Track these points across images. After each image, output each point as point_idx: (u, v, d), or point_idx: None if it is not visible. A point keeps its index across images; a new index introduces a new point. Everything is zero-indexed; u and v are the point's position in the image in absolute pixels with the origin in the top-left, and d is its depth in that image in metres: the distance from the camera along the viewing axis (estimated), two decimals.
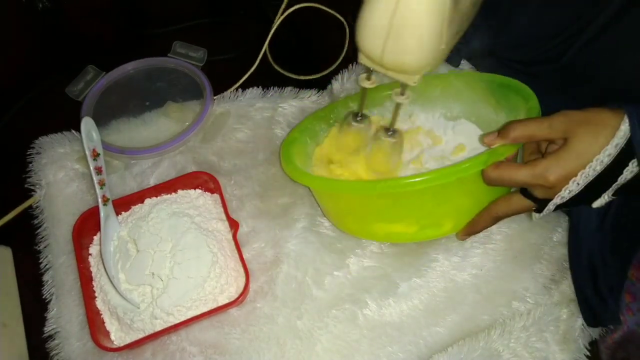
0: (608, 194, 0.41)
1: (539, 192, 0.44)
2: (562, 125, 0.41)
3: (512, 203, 0.47)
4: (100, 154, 0.58)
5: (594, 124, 0.39)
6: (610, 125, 0.38)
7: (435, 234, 0.54)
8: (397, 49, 0.41)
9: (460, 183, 0.47)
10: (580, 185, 0.40)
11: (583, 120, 0.40)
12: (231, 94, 0.70)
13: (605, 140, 0.39)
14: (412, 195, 0.49)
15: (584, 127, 0.39)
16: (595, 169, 0.39)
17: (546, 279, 0.57)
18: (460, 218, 0.52)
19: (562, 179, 0.41)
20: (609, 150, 0.39)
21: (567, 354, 0.54)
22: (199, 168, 0.64)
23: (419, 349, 0.54)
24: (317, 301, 0.56)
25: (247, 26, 0.77)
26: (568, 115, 0.41)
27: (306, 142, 0.61)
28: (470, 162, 0.44)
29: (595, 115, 0.39)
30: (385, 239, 0.58)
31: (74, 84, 0.70)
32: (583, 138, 0.39)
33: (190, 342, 0.54)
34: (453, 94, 0.62)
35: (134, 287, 0.54)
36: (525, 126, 0.43)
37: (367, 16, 0.40)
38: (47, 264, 0.59)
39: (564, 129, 0.40)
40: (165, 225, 0.56)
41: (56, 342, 0.54)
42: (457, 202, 0.51)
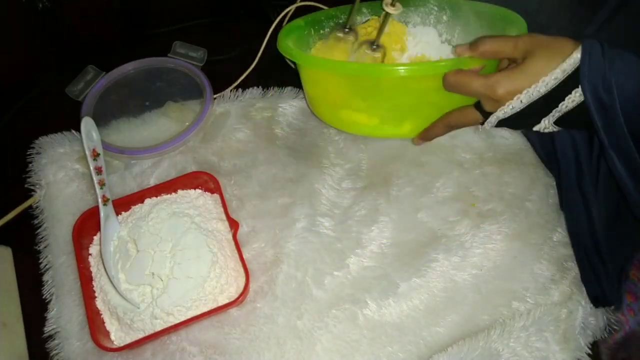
0: (549, 119, 0.43)
1: (488, 105, 0.46)
2: (525, 45, 0.42)
3: (465, 114, 0.50)
4: (100, 154, 0.58)
5: (552, 49, 0.40)
6: (566, 52, 0.40)
7: (394, 132, 0.58)
8: None
9: (423, 81, 0.50)
10: (523, 103, 0.42)
11: (544, 43, 0.41)
12: (231, 94, 0.70)
13: (557, 65, 0.40)
14: (378, 84, 0.52)
15: (542, 50, 0.41)
16: (539, 90, 0.41)
17: (546, 279, 0.57)
18: (418, 122, 0.55)
19: (509, 94, 0.42)
20: (555, 74, 0.40)
21: (567, 353, 0.54)
22: (199, 168, 0.64)
23: (419, 349, 0.54)
24: (317, 301, 0.56)
25: (247, 26, 0.77)
26: (533, 37, 0.42)
27: (310, 33, 0.62)
28: (436, 64, 0.48)
29: (556, 41, 0.41)
30: (349, 128, 0.61)
31: (74, 84, 0.70)
32: (538, 59, 0.41)
33: (190, 342, 0.54)
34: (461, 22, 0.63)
35: (134, 287, 0.54)
36: (494, 42, 0.44)
37: None
38: (47, 264, 0.59)
39: (525, 49, 0.42)
40: (165, 225, 0.56)
41: (56, 342, 0.54)
42: (417, 104, 0.54)
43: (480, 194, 0.63)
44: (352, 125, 0.59)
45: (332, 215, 0.61)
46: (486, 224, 0.60)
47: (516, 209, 0.61)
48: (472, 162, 0.65)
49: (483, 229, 0.60)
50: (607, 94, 0.39)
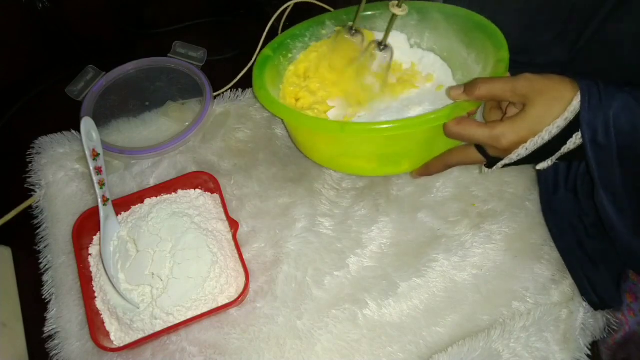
0: (552, 159, 0.44)
1: (492, 151, 0.47)
2: (523, 90, 0.42)
3: (468, 155, 0.50)
4: (100, 154, 0.58)
5: (552, 95, 0.41)
6: (566, 98, 0.40)
7: (393, 171, 0.59)
8: None
9: (421, 133, 0.50)
10: (528, 151, 0.43)
11: (543, 89, 0.42)
12: (231, 94, 0.70)
13: (558, 112, 0.41)
14: (376, 138, 0.52)
15: (542, 96, 0.41)
16: (544, 138, 0.42)
17: (546, 279, 0.57)
18: (417, 160, 0.56)
19: (513, 144, 0.43)
20: (558, 123, 0.41)
21: (567, 354, 0.54)
22: (199, 168, 0.64)
23: (419, 349, 0.54)
24: (317, 301, 0.56)
25: (247, 26, 0.77)
26: (530, 81, 0.42)
27: (279, 61, 0.61)
28: (435, 115, 0.47)
29: (554, 85, 0.41)
30: (346, 170, 0.61)
31: (74, 84, 0.70)
32: (539, 107, 0.41)
33: (190, 342, 0.54)
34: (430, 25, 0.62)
35: (133, 287, 0.54)
36: (490, 86, 0.44)
37: None
38: (47, 264, 0.59)
39: (524, 95, 0.42)
40: (165, 225, 0.56)
41: (56, 342, 0.54)
42: (417, 147, 0.54)
43: (481, 193, 0.63)
44: (349, 168, 0.60)
45: (332, 215, 0.61)
46: (486, 224, 0.60)
47: (516, 209, 0.61)
48: None
49: (483, 229, 0.60)
50: (604, 136, 0.40)
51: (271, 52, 0.60)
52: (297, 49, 0.63)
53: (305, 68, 0.62)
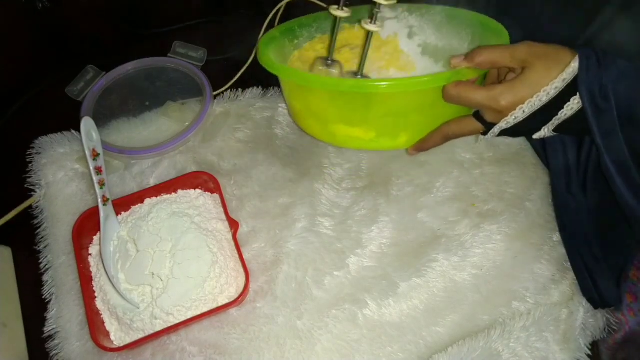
0: (549, 127, 0.44)
1: (489, 115, 0.46)
2: (522, 55, 0.42)
3: (464, 124, 0.49)
4: (100, 154, 0.58)
5: (551, 59, 0.41)
6: (564, 62, 0.41)
7: (390, 144, 0.56)
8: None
9: (421, 95, 0.49)
10: (525, 113, 0.42)
11: (542, 53, 0.42)
12: (231, 94, 0.70)
13: (556, 74, 0.41)
14: (375, 99, 0.50)
15: (541, 60, 0.42)
16: (541, 99, 0.41)
17: (546, 279, 0.57)
18: (415, 133, 0.54)
19: (512, 105, 0.43)
20: (556, 83, 0.41)
21: (567, 354, 0.54)
22: (199, 168, 0.64)
23: (419, 349, 0.54)
24: (317, 301, 0.56)
25: (247, 26, 0.77)
26: (530, 47, 0.42)
27: (284, 44, 0.61)
28: (435, 76, 0.46)
29: (554, 51, 0.41)
30: (343, 142, 0.58)
31: (74, 83, 0.70)
32: (538, 70, 0.41)
33: (190, 342, 0.54)
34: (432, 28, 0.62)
35: (133, 287, 0.54)
36: (490, 52, 0.44)
37: None
38: (47, 264, 0.59)
39: (523, 59, 0.42)
40: (165, 225, 0.56)
41: (56, 342, 0.54)
42: (414, 116, 0.53)
43: (481, 194, 0.63)
44: (348, 140, 0.57)
45: (332, 215, 0.61)
46: (486, 224, 0.60)
47: (516, 209, 0.61)
48: (472, 162, 0.65)
49: (483, 229, 0.60)
50: (604, 100, 0.40)
51: (278, 33, 0.60)
52: (304, 38, 0.63)
53: (310, 57, 0.62)
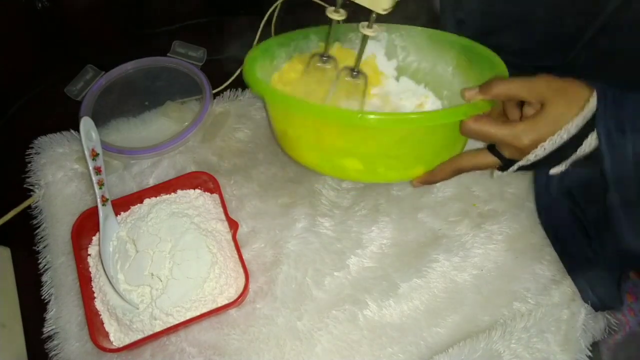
0: (567, 163, 0.43)
1: (508, 151, 0.45)
2: (541, 90, 0.42)
3: (479, 159, 0.48)
4: (99, 154, 0.58)
5: (570, 95, 0.41)
6: (583, 97, 0.41)
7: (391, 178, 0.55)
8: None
9: (432, 130, 0.47)
10: (546, 151, 0.42)
11: (561, 88, 0.42)
12: (231, 94, 0.70)
13: (576, 112, 0.41)
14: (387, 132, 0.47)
15: (561, 96, 0.41)
16: (562, 137, 0.41)
17: (547, 279, 0.57)
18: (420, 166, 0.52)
19: (533, 143, 0.43)
20: (577, 122, 0.41)
21: (568, 354, 0.53)
22: (199, 168, 0.64)
23: (419, 349, 0.54)
24: (317, 302, 0.56)
25: (247, 26, 0.77)
26: (548, 82, 0.42)
27: (265, 65, 0.58)
28: (451, 111, 0.45)
29: (572, 86, 0.42)
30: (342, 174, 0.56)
31: (73, 83, 0.70)
32: (558, 107, 0.41)
33: (189, 343, 0.54)
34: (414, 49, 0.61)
35: (133, 288, 0.54)
36: (508, 85, 0.44)
37: None
38: (46, 264, 0.58)
39: (542, 94, 0.42)
40: (164, 225, 0.56)
41: (55, 343, 0.54)
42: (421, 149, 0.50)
43: (481, 194, 0.62)
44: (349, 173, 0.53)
45: (332, 215, 0.61)
46: (487, 224, 0.60)
47: (517, 209, 0.61)
48: None
49: (484, 229, 0.60)
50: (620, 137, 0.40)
51: (259, 53, 0.57)
52: (282, 58, 0.60)
53: (291, 78, 0.60)
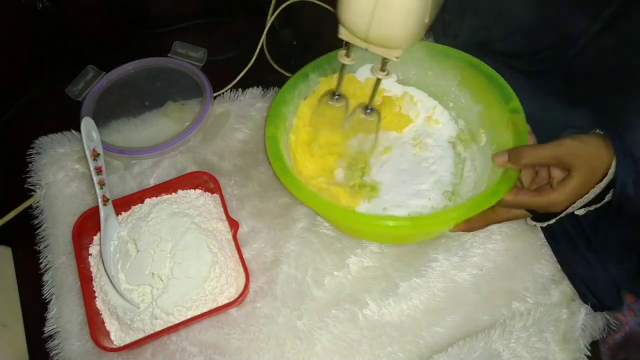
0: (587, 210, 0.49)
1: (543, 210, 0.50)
2: (566, 158, 0.46)
3: (512, 213, 0.52)
4: (100, 154, 0.58)
5: (594, 160, 0.45)
6: (605, 163, 0.45)
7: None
8: (384, 23, 0.42)
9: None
10: (575, 208, 0.47)
11: (585, 155, 0.45)
12: (231, 94, 0.70)
13: (600, 176, 0.46)
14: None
15: (585, 163, 0.45)
16: (589, 197, 0.46)
17: (546, 279, 0.57)
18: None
19: (565, 206, 0.47)
20: (601, 185, 0.46)
21: (567, 354, 0.54)
22: (199, 168, 0.64)
23: (419, 349, 0.54)
24: (317, 301, 0.56)
25: (247, 26, 0.77)
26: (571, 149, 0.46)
27: (283, 133, 0.56)
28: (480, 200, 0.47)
29: (595, 152, 0.45)
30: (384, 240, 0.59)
31: (74, 84, 0.70)
32: (584, 174, 0.45)
33: (190, 342, 0.54)
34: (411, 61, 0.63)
35: (134, 287, 0.54)
36: (535, 155, 0.47)
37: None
38: (47, 264, 0.59)
39: (568, 162, 0.46)
40: (165, 225, 0.56)
41: (56, 342, 0.54)
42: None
43: None
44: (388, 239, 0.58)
45: None
46: None
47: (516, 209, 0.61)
48: None
49: (484, 229, 0.60)
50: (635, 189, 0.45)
51: (274, 128, 0.54)
52: (291, 113, 0.59)
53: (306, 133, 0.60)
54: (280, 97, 0.57)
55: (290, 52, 0.75)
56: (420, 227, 0.48)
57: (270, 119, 0.55)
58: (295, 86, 0.58)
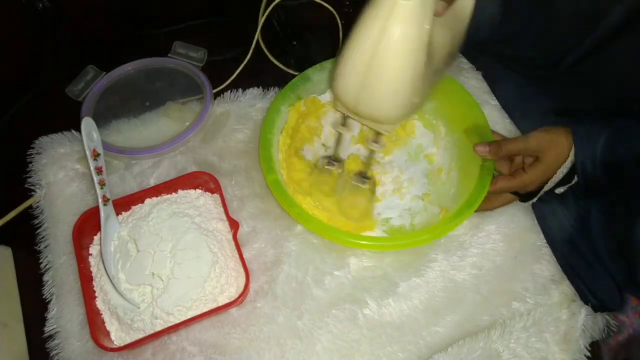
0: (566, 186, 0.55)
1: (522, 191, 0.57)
2: (536, 146, 0.54)
3: (504, 199, 0.59)
4: (100, 154, 0.58)
5: (558, 146, 0.52)
6: (567, 147, 0.52)
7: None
8: (370, 100, 0.43)
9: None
10: (549, 187, 0.55)
11: (550, 143, 0.53)
12: (231, 94, 0.70)
13: (565, 157, 0.52)
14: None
15: (551, 149, 0.53)
16: (558, 176, 0.53)
17: (546, 279, 0.57)
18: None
19: (538, 186, 0.55)
20: (566, 164, 0.52)
21: (567, 354, 0.54)
22: (199, 168, 0.64)
23: (418, 349, 0.54)
24: (317, 301, 0.56)
25: (247, 26, 0.77)
26: (539, 139, 0.54)
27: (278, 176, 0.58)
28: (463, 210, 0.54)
29: (559, 139, 0.52)
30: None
31: (74, 84, 0.70)
32: (551, 158, 0.53)
33: (190, 342, 0.54)
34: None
35: (134, 287, 0.54)
36: (510, 146, 0.55)
37: (343, 65, 0.42)
38: (47, 264, 0.59)
39: (537, 149, 0.53)
40: (165, 225, 0.56)
41: (56, 342, 0.54)
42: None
43: None
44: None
45: None
46: (485, 223, 0.60)
47: (515, 209, 0.61)
48: None
49: (482, 229, 0.60)
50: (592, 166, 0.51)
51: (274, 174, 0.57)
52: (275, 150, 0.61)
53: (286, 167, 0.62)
54: (264, 139, 0.59)
55: (289, 48, 0.75)
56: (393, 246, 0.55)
57: (264, 164, 0.57)
58: (273, 124, 0.61)
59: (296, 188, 0.60)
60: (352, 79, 0.42)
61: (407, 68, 0.40)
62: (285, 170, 0.61)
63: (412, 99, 0.42)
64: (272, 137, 0.60)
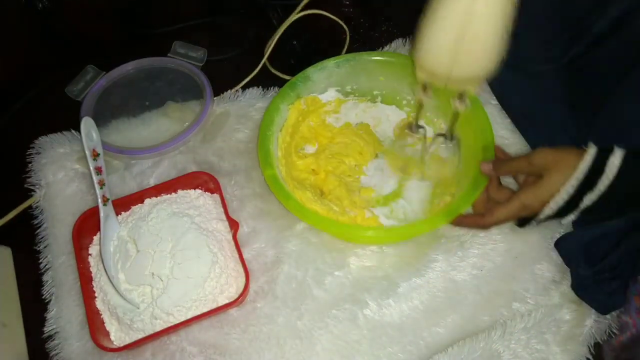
0: (575, 213, 0.50)
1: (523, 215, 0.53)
2: (539, 164, 0.50)
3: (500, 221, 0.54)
4: (100, 154, 0.58)
5: (564, 163, 0.48)
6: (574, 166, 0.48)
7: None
8: (466, 64, 0.45)
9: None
10: (552, 210, 0.50)
11: (554, 161, 0.49)
12: (231, 94, 0.70)
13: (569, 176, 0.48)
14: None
15: (555, 167, 0.49)
16: (563, 197, 0.48)
17: (547, 279, 0.57)
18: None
19: (540, 205, 0.50)
20: (572, 182, 0.48)
21: (567, 355, 0.53)
22: (199, 168, 0.64)
23: (419, 349, 0.54)
24: (318, 301, 0.56)
25: (247, 26, 0.77)
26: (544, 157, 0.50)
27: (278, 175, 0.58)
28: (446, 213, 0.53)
29: (565, 156, 0.49)
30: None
31: (74, 83, 0.70)
32: (555, 174, 0.49)
33: (190, 343, 0.54)
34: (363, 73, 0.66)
35: (133, 287, 0.54)
36: (513, 165, 0.53)
37: (434, 37, 0.44)
38: (46, 264, 0.59)
39: (540, 167, 0.50)
40: (165, 225, 0.56)
41: (56, 342, 0.54)
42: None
43: None
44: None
45: None
46: None
47: None
48: None
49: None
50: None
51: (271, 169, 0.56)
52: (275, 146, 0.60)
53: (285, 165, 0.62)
54: (263, 135, 0.59)
55: (294, 60, 0.75)
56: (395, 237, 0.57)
57: (262, 159, 0.57)
58: (272, 122, 0.60)
59: (296, 185, 0.60)
60: (445, 49, 0.44)
61: (500, 25, 0.42)
62: (284, 167, 0.61)
63: (503, 51, 0.44)
64: (271, 134, 0.60)
